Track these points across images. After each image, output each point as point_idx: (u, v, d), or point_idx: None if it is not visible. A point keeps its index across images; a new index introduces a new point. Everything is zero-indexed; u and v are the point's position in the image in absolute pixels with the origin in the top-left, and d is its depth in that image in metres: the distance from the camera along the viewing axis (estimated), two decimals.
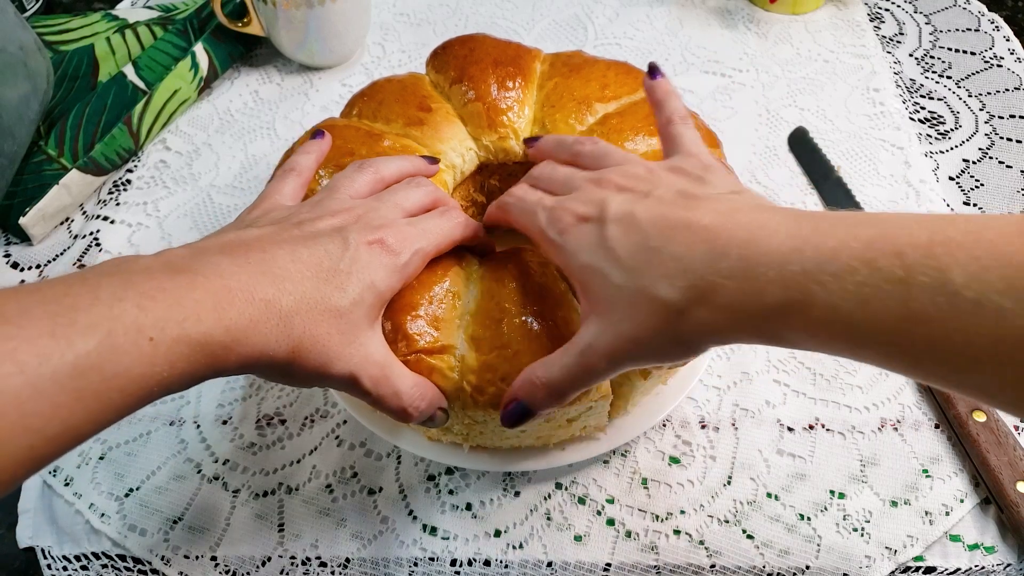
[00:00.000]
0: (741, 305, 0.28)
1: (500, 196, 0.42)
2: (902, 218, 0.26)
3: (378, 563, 0.46)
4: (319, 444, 0.50)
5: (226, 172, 0.66)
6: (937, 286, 0.23)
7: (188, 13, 0.74)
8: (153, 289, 0.29)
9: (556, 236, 0.36)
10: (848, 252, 0.26)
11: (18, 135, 0.59)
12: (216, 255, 0.32)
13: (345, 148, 0.48)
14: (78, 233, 0.63)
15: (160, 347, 0.28)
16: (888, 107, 0.69)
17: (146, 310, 0.28)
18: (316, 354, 0.33)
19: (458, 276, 0.41)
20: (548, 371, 0.35)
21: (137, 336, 0.27)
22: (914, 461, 0.48)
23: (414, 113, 0.51)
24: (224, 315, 0.30)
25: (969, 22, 0.78)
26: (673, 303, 0.30)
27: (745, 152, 0.66)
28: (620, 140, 0.48)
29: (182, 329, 0.29)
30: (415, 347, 0.38)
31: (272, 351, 0.32)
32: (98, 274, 0.29)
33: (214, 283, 0.31)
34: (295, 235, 0.35)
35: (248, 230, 0.36)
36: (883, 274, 0.25)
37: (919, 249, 0.24)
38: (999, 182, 0.64)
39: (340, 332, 0.34)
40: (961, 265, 0.23)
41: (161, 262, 0.31)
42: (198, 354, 0.29)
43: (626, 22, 0.79)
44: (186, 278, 0.30)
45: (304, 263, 0.34)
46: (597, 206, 0.35)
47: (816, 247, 0.27)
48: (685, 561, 0.45)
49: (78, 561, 0.47)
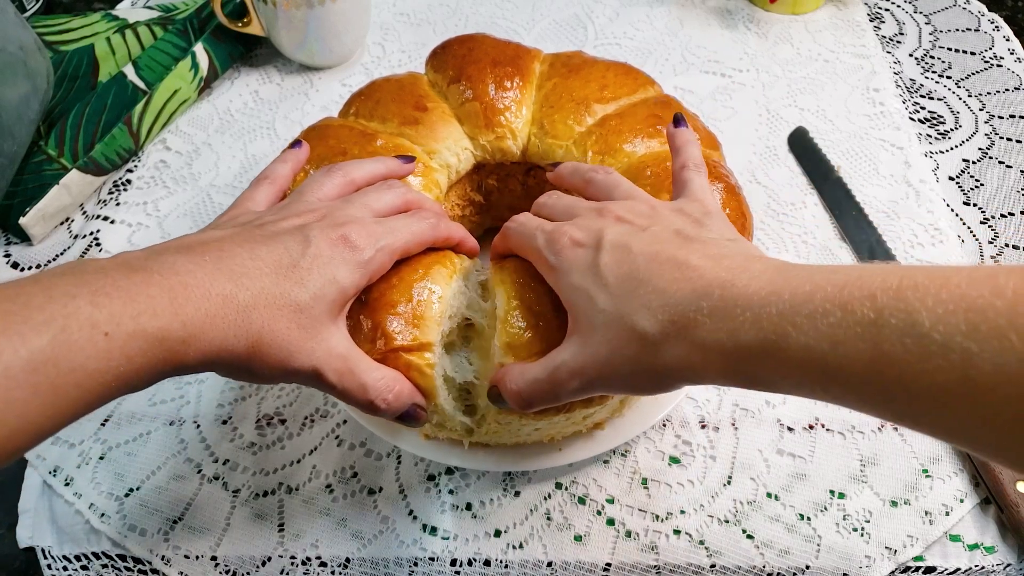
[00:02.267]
0: (717, 343, 0.29)
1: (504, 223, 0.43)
2: (878, 267, 0.27)
3: (378, 563, 0.46)
4: (319, 444, 0.50)
5: (226, 172, 0.66)
6: (906, 328, 0.24)
7: (188, 13, 0.74)
8: (107, 286, 0.29)
9: (551, 256, 0.36)
10: (823, 295, 0.26)
11: (18, 135, 0.59)
12: (173, 255, 0.33)
13: (339, 148, 0.48)
14: (78, 233, 0.63)
15: (115, 342, 0.28)
16: (888, 107, 0.69)
17: (100, 306, 0.28)
18: (276, 348, 0.33)
19: (440, 275, 0.41)
20: (521, 379, 0.36)
21: (92, 331, 0.28)
22: (914, 461, 0.48)
23: (410, 112, 0.51)
24: (180, 310, 0.30)
25: (969, 22, 0.78)
26: (650, 335, 0.31)
27: (745, 152, 0.66)
28: (618, 141, 0.48)
29: (137, 324, 0.29)
30: (393, 344, 0.38)
31: (231, 346, 0.32)
32: (53, 275, 0.29)
33: (170, 280, 0.31)
34: (256, 235, 0.35)
35: (210, 232, 0.36)
36: (855, 316, 0.25)
37: (889, 292, 0.25)
38: (999, 182, 0.64)
39: (300, 327, 0.34)
40: (929, 308, 0.24)
41: (117, 262, 0.31)
42: (156, 349, 0.30)
43: (626, 22, 0.79)
44: (141, 276, 0.30)
45: (263, 260, 0.34)
46: (595, 234, 0.35)
47: (793, 291, 0.27)
48: (685, 561, 0.45)
49: (78, 561, 0.47)
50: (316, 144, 0.48)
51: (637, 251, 0.33)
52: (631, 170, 0.47)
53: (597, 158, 0.48)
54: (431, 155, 0.50)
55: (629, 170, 0.47)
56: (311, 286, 0.35)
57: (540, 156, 0.51)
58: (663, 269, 0.32)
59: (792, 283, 0.28)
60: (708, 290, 0.30)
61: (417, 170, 0.48)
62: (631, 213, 0.36)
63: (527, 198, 0.56)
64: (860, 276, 0.26)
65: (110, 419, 0.51)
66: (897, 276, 0.25)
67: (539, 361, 0.36)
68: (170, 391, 0.53)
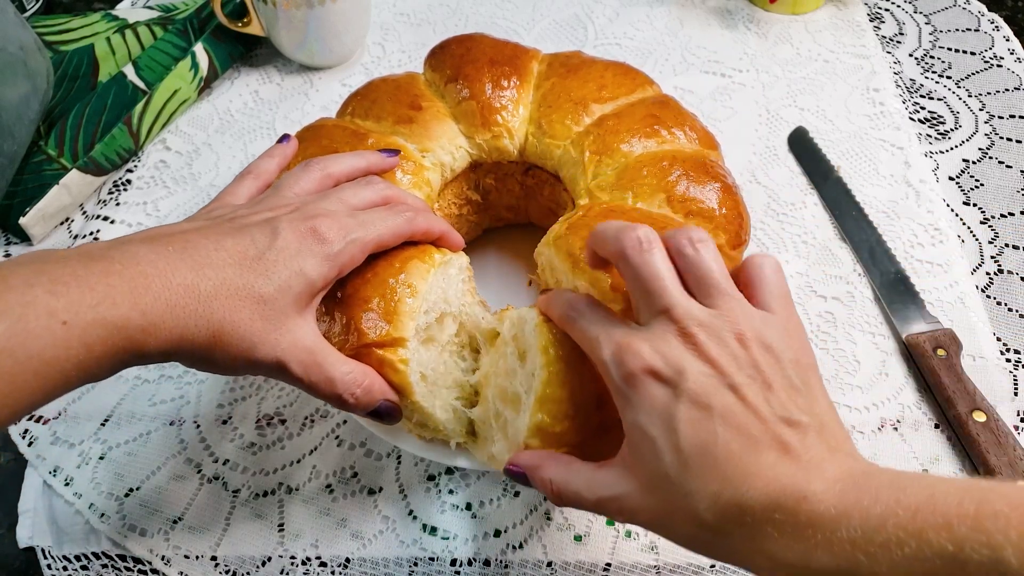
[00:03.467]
0: (786, 560, 0.28)
1: (557, 289, 0.38)
2: (949, 484, 0.26)
3: (378, 563, 0.46)
4: (319, 444, 0.50)
5: (226, 172, 0.66)
6: (991, 565, 0.23)
7: (188, 13, 0.74)
8: (66, 276, 0.29)
9: (620, 381, 0.32)
10: (895, 521, 0.25)
11: (18, 135, 0.59)
12: (136, 245, 0.33)
13: (330, 147, 0.48)
14: (78, 233, 0.63)
15: (74, 330, 0.28)
16: (888, 107, 0.69)
17: (58, 295, 0.28)
18: (238, 339, 0.33)
19: (417, 269, 0.41)
20: (561, 482, 0.34)
21: (49, 320, 0.28)
22: (914, 461, 0.48)
23: (404, 111, 0.51)
24: (140, 299, 0.30)
25: (969, 22, 0.78)
26: (712, 525, 0.29)
27: (745, 152, 0.66)
28: (615, 141, 0.48)
29: (96, 313, 0.29)
30: (365, 340, 0.38)
31: (192, 335, 0.32)
32: (13, 264, 0.30)
33: (131, 269, 0.31)
34: (225, 228, 0.35)
35: (180, 224, 0.36)
36: (933, 548, 0.24)
37: (967, 521, 0.24)
38: (999, 182, 0.64)
39: (264, 318, 0.34)
40: (1013, 544, 0.23)
41: (79, 252, 0.31)
42: (116, 338, 0.30)
43: (626, 22, 0.78)
44: (101, 265, 0.30)
45: (228, 251, 0.34)
46: (673, 367, 0.31)
47: (864, 513, 0.26)
48: (685, 561, 0.45)
49: (78, 561, 0.47)
50: (310, 144, 0.49)
51: (720, 419, 0.30)
52: (628, 170, 0.47)
53: (594, 158, 0.48)
54: (425, 153, 0.50)
55: (626, 170, 0.47)
56: (276, 278, 0.34)
57: (538, 156, 0.51)
58: (741, 458, 0.29)
59: (863, 502, 0.26)
60: (781, 500, 0.28)
61: (407, 168, 0.48)
62: (718, 347, 0.31)
63: (525, 198, 0.56)
64: (932, 497, 0.25)
65: (110, 419, 0.51)
66: (973, 501, 0.24)
67: (587, 476, 0.33)
68: (170, 391, 0.53)
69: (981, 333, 0.54)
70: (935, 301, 0.56)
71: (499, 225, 0.59)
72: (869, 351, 0.54)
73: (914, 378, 0.52)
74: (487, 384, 0.41)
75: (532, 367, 0.37)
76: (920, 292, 0.56)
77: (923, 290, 0.56)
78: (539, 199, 0.55)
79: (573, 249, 0.42)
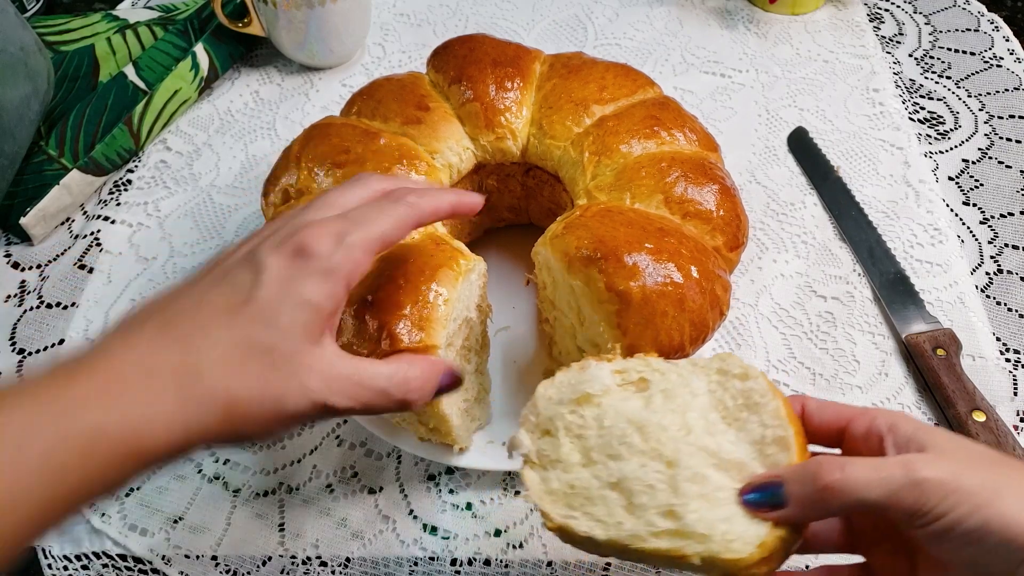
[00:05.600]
0: None
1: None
2: None
3: (378, 563, 0.46)
4: (319, 444, 0.50)
5: (226, 172, 0.66)
6: None
7: (188, 13, 0.74)
8: (26, 402, 0.26)
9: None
10: None
11: (18, 135, 0.59)
12: (110, 338, 0.30)
13: (341, 146, 0.48)
14: (79, 233, 0.63)
15: (30, 457, 0.25)
16: (888, 107, 0.69)
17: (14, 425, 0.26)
18: (257, 403, 0.29)
19: (447, 277, 0.41)
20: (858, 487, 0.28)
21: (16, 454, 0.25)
22: None
23: (412, 112, 0.51)
24: (113, 406, 0.27)
25: (969, 22, 0.78)
26: None
27: (745, 152, 0.66)
28: (615, 142, 0.48)
29: (56, 429, 0.26)
30: (399, 346, 0.38)
31: (199, 419, 0.28)
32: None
33: (100, 374, 0.27)
34: (207, 278, 0.32)
35: (175, 286, 0.33)
36: None
37: None
38: (999, 182, 0.64)
39: (276, 367, 0.29)
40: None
41: (34, 381, 0.28)
42: (90, 458, 0.26)
43: (626, 22, 0.79)
44: (62, 377, 0.27)
45: (212, 305, 0.30)
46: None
47: None
48: None
49: (79, 561, 0.47)
50: (319, 142, 0.49)
51: None
52: (627, 171, 0.47)
53: (594, 159, 0.48)
54: (433, 155, 0.50)
55: (625, 171, 0.47)
56: (274, 318, 0.30)
57: (539, 156, 0.51)
58: None
59: None
60: None
61: (421, 168, 0.48)
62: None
63: (526, 198, 0.56)
64: None
65: None
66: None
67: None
68: None
69: (981, 333, 0.54)
70: (935, 301, 0.56)
71: (500, 225, 0.59)
72: (869, 351, 0.54)
73: (914, 378, 0.52)
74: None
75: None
76: (920, 292, 0.56)
77: (923, 290, 0.56)
78: (539, 199, 0.55)
79: (569, 249, 0.42)
